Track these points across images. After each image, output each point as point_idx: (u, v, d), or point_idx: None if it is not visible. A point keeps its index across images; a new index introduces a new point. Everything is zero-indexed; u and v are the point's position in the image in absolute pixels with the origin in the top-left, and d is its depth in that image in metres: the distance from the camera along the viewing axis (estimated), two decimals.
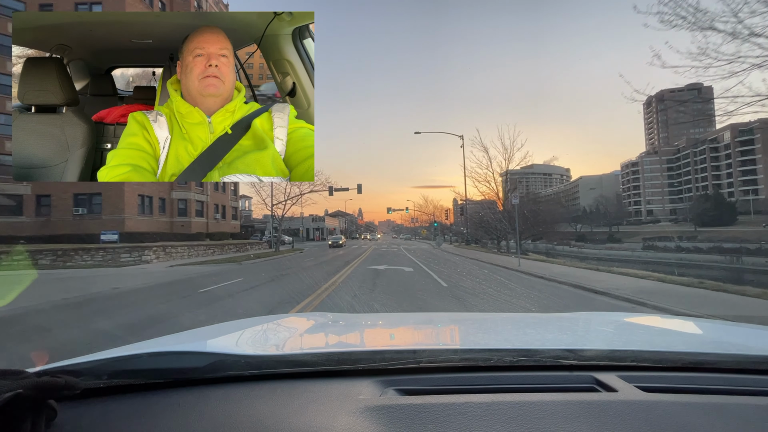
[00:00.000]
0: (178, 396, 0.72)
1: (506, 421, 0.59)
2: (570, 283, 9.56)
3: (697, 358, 0.82)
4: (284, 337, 1.24)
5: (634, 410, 0.62)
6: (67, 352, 3.15)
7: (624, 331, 1.28)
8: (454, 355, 0.83)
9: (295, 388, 0.74)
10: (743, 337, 1.11)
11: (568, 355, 0.82)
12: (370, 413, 0.62)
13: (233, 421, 0.62)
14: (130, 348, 0.92)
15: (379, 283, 9.91)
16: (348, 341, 1.24)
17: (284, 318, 1.55)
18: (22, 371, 0.58)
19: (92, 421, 0.64)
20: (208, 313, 6.51)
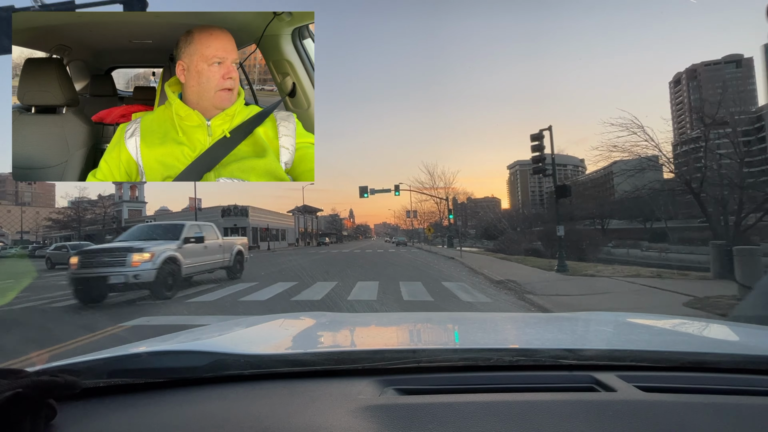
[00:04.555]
0: (178, 395, 0.73)
1: (505, 420, 0.59)
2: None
3: (697, 358, 0.82)
4: (284, 336, 1.24)
5: (634, 410, 0.62)
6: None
7: (623, 330, 1.28)
8: (453, 355, 0.84)
9: (294, 387, 0.74)
10: (743, 337, 1.11)
11: (568, 354, 0.82)
12: (370, 413, 0.62)
13: (233, 421, 0.62)
14: (130, 347, 0.92)
15: None
16: (348, 341, 1.24)
17: (284, 317, 1.56)
18: (22, 370, 0.58)
19: (92, 420, 0.64)
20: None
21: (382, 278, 10.49)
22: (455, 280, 9.90)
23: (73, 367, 0.76)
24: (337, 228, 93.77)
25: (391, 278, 10.46)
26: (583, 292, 7.37)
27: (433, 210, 49.83)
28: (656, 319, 1.40)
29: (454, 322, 1.53)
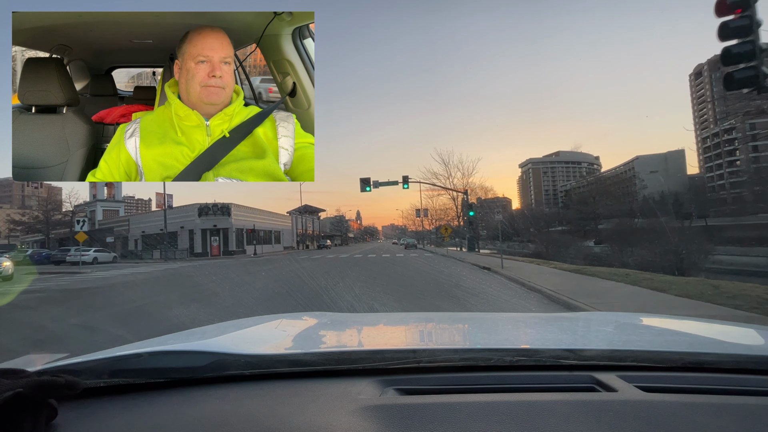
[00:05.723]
0: (179, 395, 0.73)
1: (506, 420, 0.59)
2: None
3: (697, 358, 0.82)
4: (284, 336, 1.24)
5: (634, 410, 0.62)
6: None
7: (624, 331, 1.28)
8: (454, 355, 0.83)
9: (295, 387, 0.74)
10: (744, 337, 1.11)
11: (568, 354, 0.82)
12: (370, 413, 0.62)
13: (233, 421, 0.62)
14: (131, 347, 0.92)
15: None
16: (348, 341, 1.24)
17: (284, 317, 1.55)
18: (23, 370, 0.58)
19: (92, 420, 0.64)
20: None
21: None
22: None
23: (74, 367, 0.76)
24: (343, 230, 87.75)
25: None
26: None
27: (449, 206, 40.77)
28: (657, 319, 1.40)
29: (455, 322, 1.53)
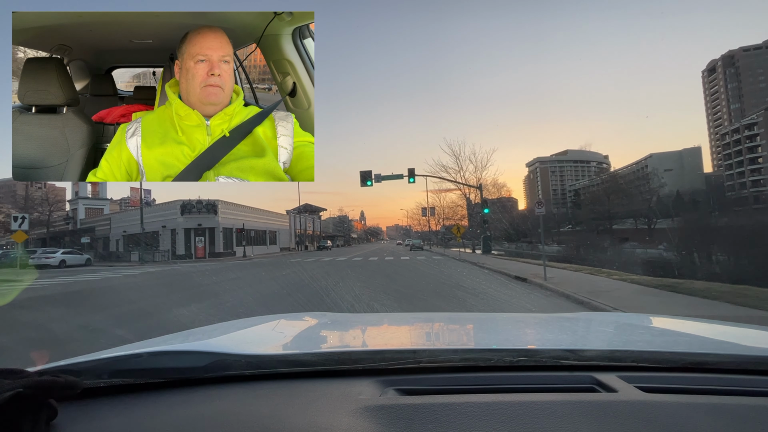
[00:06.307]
0: (179, 395, 0.73)
1: (506, 421, 0.59)
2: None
3: (698, 359, 0.82)
4: (284, 336, 1.24)
5: (634, 410, 0.62)
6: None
7: (624, 331, 1.28)
8: (454, 355, 0.83)
9: (295, 387, 0.74)
10: (744, 338, 1.11)
11: (568, 355, 0.82)
12: (371, 413, 0.62)
13: (234, 421, 0.62)
14: (131, 347, 0.92)
15: None
16: (348, 341, 1.24)
17: (284, 317, 1.55)
18: (23, 370, 0.58)
19: (92, 420, 0.64)
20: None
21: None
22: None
23: (74, 367, 0.76)
24: (345, 230, 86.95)
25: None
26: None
27: (459, 203, 37.60)
28: (657, 319, 1.40)
29: (455, 322, 1.53)
